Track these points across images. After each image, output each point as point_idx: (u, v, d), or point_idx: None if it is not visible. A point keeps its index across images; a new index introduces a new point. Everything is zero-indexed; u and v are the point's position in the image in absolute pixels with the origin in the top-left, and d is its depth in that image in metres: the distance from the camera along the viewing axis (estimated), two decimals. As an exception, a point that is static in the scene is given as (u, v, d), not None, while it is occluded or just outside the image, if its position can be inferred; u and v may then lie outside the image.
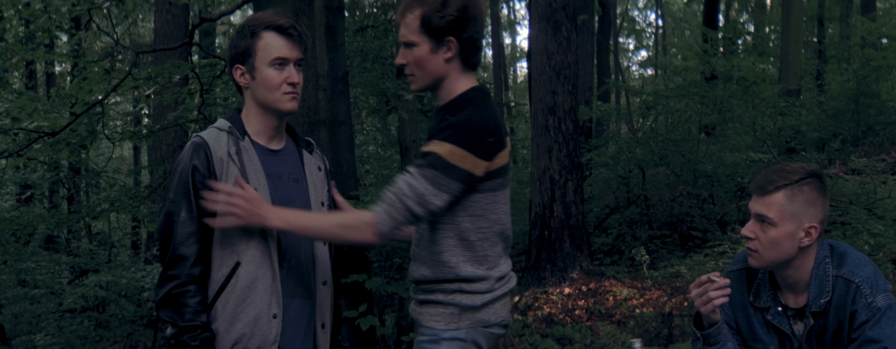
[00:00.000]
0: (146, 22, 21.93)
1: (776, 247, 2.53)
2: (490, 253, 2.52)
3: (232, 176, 2.50)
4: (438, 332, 2.50)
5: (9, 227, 11.85)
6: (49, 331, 10.31)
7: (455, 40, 2.46)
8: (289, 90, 2.58)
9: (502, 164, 2.46)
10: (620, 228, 11.75)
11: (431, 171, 2.36)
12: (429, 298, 2.54)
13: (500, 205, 2.52)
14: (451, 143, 2.35)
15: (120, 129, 14.61)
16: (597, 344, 6.53)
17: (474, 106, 2.44)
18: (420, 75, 2.54)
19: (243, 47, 2.58)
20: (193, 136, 2.56)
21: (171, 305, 2.44)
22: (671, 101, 12.14)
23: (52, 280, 11.35)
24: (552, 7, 9.35)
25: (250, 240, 2.52)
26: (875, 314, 2.45)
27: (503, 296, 2.57)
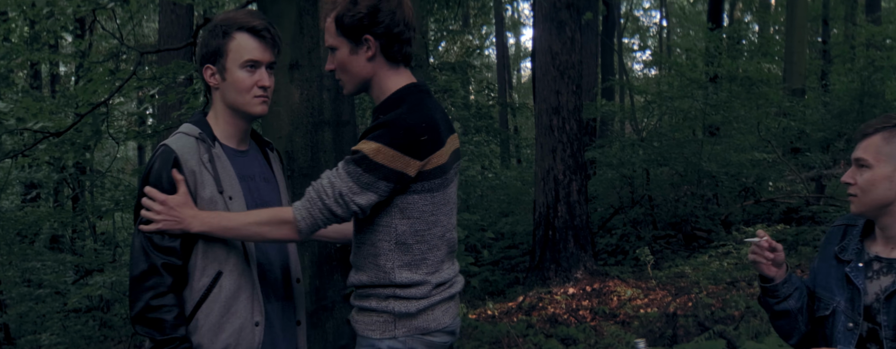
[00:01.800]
0: (150, 22, 21.98)
1: (873, 189, 2.51)
2: (429, 257, 2.44)
3: (207, 184, 2.46)
4: (374, 342, 2.44)
5: (14, 227, 11.88)
6: (54, 331, 10.32)
7: (371, 37, 2.39)
8: (260, 93, 2.53)
9: (439, 163, 2.38)
10: (624, 228, 11.74)
11: (355, 168, 2.31)
12: (364, 305, 2.49)
13: (439, 207, 2.44)
14: (379, 143, 2.28)
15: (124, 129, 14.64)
16: (601, 344, 6.52)
17: (408, 104, 2.37)
18: (347, 78, 2.50)
19: (214, 47, 2.51)
20: (161, 145, 2.48)
21: (146, 320, 2.36)
22: (675, 101, 12.12)
23: (56, 279, 11.36)
24: (556, 7, 9.35)
25: (231, 248, 2.48)
26: None
27: (443, 302, 2.49)
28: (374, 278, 2.46)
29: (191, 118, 2.60)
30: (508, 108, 21.32)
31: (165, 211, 2.37)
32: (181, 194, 2.40)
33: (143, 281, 2.37)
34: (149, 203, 2.38)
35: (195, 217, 2.38)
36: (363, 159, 2.30)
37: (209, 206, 2.46)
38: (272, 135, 5.50)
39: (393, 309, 2.42)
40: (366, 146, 2.31)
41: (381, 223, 2.42)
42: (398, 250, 2.42)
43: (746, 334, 5.87)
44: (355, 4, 2.38)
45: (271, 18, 5.57)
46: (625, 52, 33.85)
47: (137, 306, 2.37)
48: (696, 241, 10.56)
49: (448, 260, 2.54)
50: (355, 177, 2.31)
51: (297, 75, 5.46)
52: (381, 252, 2.43)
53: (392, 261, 2.43)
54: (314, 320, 5.45)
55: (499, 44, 29.38)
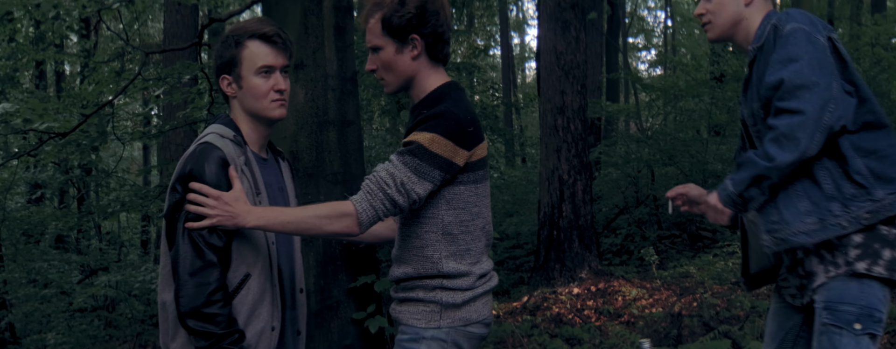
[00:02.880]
0: (155, 22, 22.02)
1: (722, 9, 2.77)
2: (472, 247, 2.52)
3: (245, 187, 2.48)
4: (419, 331, 2.49)
5: (20, 227, 11.91)
6: (59, 331, 10.35)
7: (418, 37, 2.48)
8: (276, 97, 2.57)
9: (482, 155, 2.48)
10: (629, 228, 11.74)
11: (412, 158, 2.36)
12: (409, 296, 2.53)
13: (481, 198, 2.53)
14: (432, 132, 2.36)
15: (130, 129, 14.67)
16: (606, 344, 6.52)
17: (451, 99, 2.46)
18: (391, 78, 2.56)
19: (228, 57, 2.57)
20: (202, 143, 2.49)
21: (203, 315, 2.37)
22: (680, 101, 12.11)
23: (62, 279, 11.39)
24: (561, 6, 9.35)
25: (259, 252, 2.52)
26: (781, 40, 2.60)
27: (484, 295, 2.58)
28: (420, 269, 2.51)
29: (219, 120, 2.64)
30: (513, 108, 21.32)
31: (220, 205, 2.37)
32: (236, 190, 2.42)
33: (198, 277, 2.38)
34: (201, 198, 2.38)
35: (250, 212, 2.39)
36: (419, 148, 2.36)
37: None
38: (277, 135, 5.51)
39: (440, 299, 2.49)
40: (420, 136, 2.38)
41: (428, 214, 2.49)
42: (445, 240, 2.49)
43: (751, 334, 5.86)
44: (403, 5, 2.46)
45: (276, 19, 5.60)
46: (630, 52, 33.82)
47: (194, 302, 2.37)
48: (700, 241, 10.55)
49: (486, 253, 2.62)
50: (413, 166, 2.37)
51: (301, 75, 5.47)
52: (429, 243, 2.49)
53: (439, 252, 2.49)
54: (319, 320, 5.46)
55: (503, 44, 29.37)
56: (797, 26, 2.60)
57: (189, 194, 2.41)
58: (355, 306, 5.51)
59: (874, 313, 2.68)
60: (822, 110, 2.48)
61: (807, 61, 2.53)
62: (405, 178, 2.37)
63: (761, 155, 2.56)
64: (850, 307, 2.68)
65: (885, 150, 2.62)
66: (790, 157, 2.50)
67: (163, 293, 2.52)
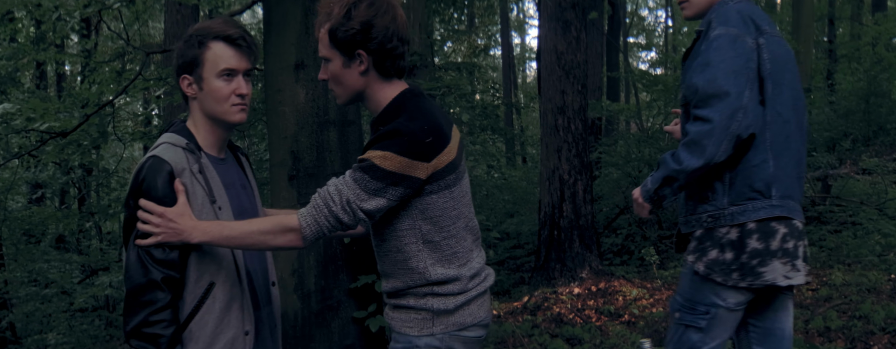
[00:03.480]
0: (156, 22, 22.02)
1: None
2: (458, 249, 2.47)
3: (198, 195, 2.45)
4: (412, 339, 2.45)
5: (21, 227, 11.92)
6: (60, 330, 10.36)
7: (365, 53, 2.38)
8: (237, 101, 2.51)
9: (449, 160, 2.39)
10: (630, 228, 11.73)
11: (362, 175, 2.30)
12: (400, 303, 2.49)
13: (458, 199, 2.46)
14: (384, 150, 2.29)
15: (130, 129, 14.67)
16: (606, 344, 6.52)
17: (407, 112, 2.37)
18: (339, 90, 2.49)
19: (191, 57, 2.50)
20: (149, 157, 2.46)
21: (142, 335, 2.34)
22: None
23: (63, 279, 11.40)
24: (562, 6, 9.35)
25: (223, 259, 2.49)
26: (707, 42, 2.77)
27: (479, 297, 2.52)
28: (408, 281, 2.46)
29: (172, 127, 2.59)
30: (513, 108, 21.32)
31: (164, 223, 2.34)
32: (181, 205, 2.37)
33: (141, 295, 2.35)
34: (146, 216, 2.35)
35: (195, 227, 2.35)
36: (371, 167, 2.30)
37: (199, 218, 2.44)
38: (277, 135, 5.51)
39: (431, 306, 2.44)
40: (373, 154, 2.31)
41: (404, 227, 2.43)
42: (427, 249, 2.43)
43: (752, 334, 5.86)
44: (349, 19, 2.35)
45: (277, 19, 5.60)
46: (630, 52, 33.82)
47: (134, 321, 2.34)
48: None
49: (475, 247, 2.56)
50: (363, 184, 2.31)
51: (302, 75, 5.47)
52: (411, 255, 2.44)
53: (424, 261, 2.44)
54: (320, 320, 5.46)
55: (504, 44, 29.38)
56: (723, 32, 2.75)
57: (138, 211, 2.38)
58: (356, 306, 5.51)
59: (697, 307, 2.90)
60: (731, 119, 2.64)
61: (723, 69, 2.67)
62: (353, 196, 2.31)
63: (674, 157, 2.75)
64: (678, 297, 2.96)
65: (751, 161, 2.81)
66: (697, 163, 2.68)
67: None
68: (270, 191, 5.68)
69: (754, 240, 2.82)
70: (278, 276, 5.41)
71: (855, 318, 6.21)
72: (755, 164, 2.80)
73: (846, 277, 7.31)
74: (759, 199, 2.82)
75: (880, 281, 7.07)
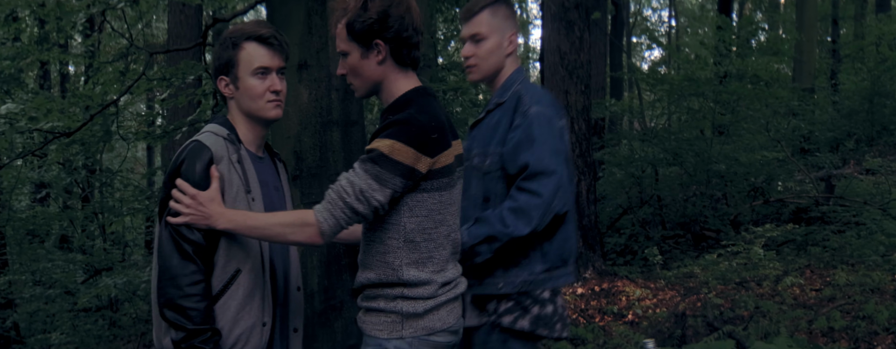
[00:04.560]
0: (159, 22, 22.05)
1: (491, 56, 3.06)
2: (435, 255, 2.51)
3: (234, 184, 2.54)
4: (382, 342, 2.49)
5: (24, 227, 11.93)
6: (64, 330, 10.37)
7: (382, 42, 2.48)
8: (272, 98, 2.64)
9: (447, 163, 2.46)
10: (633, 228, 11.73)
11: (372, 165, 2.37)
12: (371, 306, 2.54)
13: (446, 206, 2.51)
14: (393, 139, 2.36)
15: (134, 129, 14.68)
16: (610, 344, 6.52)
17: (417, 105, 2.45)
18: (358, 82, 2.57)
19: (226, 58, 2.63)
20: (192, 141, 2.57)
21: (178, 308, 2.42)
22: (685, 100, 12.09)
23: (67, 279, 11.40)
24: (565, 6, 9.34)
25: (251, 249, 2.56)
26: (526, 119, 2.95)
27: (448, 302, 2.56)
28: (382, 276, 2.51)
29: (215, 120, 2.70)
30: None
31: (194, 205, 2.44)
32: (212, 190, 2.47)
33: (177, 269, 2.44)
34: (179, 195, 2.45)
35: (222, 214, 2.44)
36: (380, 156, 2.36)
37: (232, 206, 2.54)
38: (281, 135, 5.51)
39: (401, 309, 2.48)
40: (381, 143, 2.38)
41: (391, 221, 2.48)
42: (406, 247, 2.48)
43: (756, 334, 5.86)
44: (366, 10, 2.45)
45: (280, 19, 5.61)
46: (634, 52, 33.79)
47: (170, 293, 2.42)
48: (705, 241, 10.54)
49: (452, 260, 2.61)
50: (373, 174, 2.37)
51: (305, 75, 5.47)
52: (390, 249, 2.49)
53: (400, 259, 2.48)
54: (323, 319, 5.46)
55: (507, 43, 29.33)
56: (541, 110, 2.97)
57: (172, 190, 2.48)
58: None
59: None
60: (554, 196, 2.89)
61: (547, 148, 2.91)
62: (365, 186, 2.37)
63: (499, 219, 2.90)
64: None
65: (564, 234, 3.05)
66: (524, 231, 2.87)
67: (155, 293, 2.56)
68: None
69: (558, 300, 3.08)
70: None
71: (858, 319, 6.20)
72: (566, 238, 3.05)
73: (850, 277, 7.30)
74: (563, 268, 3.07)
75: (884, 281, 7.06)
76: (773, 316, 6.29)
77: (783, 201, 10.70)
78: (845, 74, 17.96)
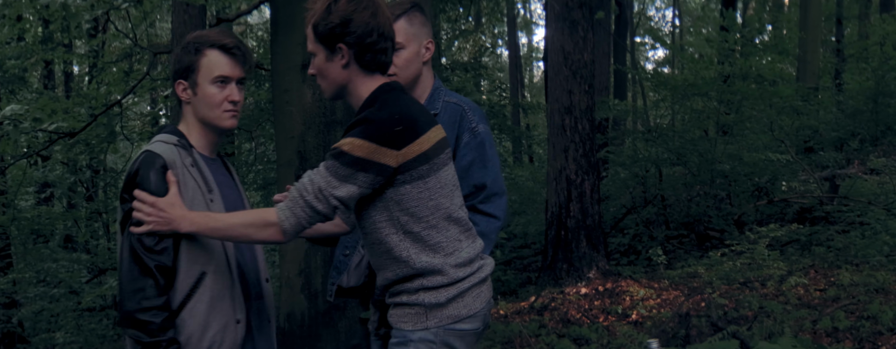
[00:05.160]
0: (163, 22, 22.06)
1: (410, 65, 2.97)
2: (441, 239, 2.49)
3: (190, 187, 2.55)
4: (407, 334, 2.49)
5: (29, 227, 11.95)
6: (68, 329, 10.40)
7: (344, 46, 2.47)
8: (229, 108, 2.64)
9: (421, 150, 2.43)
10: (637, 228, 11.72)
11: (333, 162, 2.37)
12: (396, 301, 2.54)
13: (435, 191, 2.48)
14: (353, 137, 2.36)
15: (138, 129, 14.71)
16: (614, 344, 6.51)
17: (379, 101, 2.45)
18: (325, 84, 2.58)
19: (187, 63, 2.62)
20: (143, 151, 2.56)
21: (135, 322, 2.42)
22: (688, 100, 12.07)
23: (71, 278, 11.43)
24: (569, 6, 9.34)
25: (214, 249, 2.57)
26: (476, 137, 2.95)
27: (473, 288, 2.54)
28: (397, 272, 2.51)
29: (163, 130, 2.71)
30: (520, 108, 21.32)
31: (155, 211, 2.44)
32: (171, 195, 2.47)
33: (134, 283, 2.44)
34: (139, 205, 2.45)
35: (184, 217, 2.44)
36: (340, 154, 2.37)
37: (191, 208, 2.54)
38: (285, 135, 5.52)
39: (423, 301, 2.48)
40: (343, 141, 2.39)
41: (382, 219, 2.48)
42: (409, 239, 2.48)
43: (760, 334, 5.85)
44: (329, 14, 2.45)
45: (284, 19, 5.61)
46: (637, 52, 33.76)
47: (127, 307, 2.43)
48: (709, 241, 10.52)
49: (465, 238, 2.57)
50: (333, 170, 2.37)
51: (309, 75, 5.48)
52: (393, 245, 2.49)
53: (407, 250, 2.48)
54: (327, 319, 5.47)
55: (511, 44, 29.37)
56: (487, 128, 3.02)
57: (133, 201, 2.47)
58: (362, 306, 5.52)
59: None
60: (505, 216, 2.99)
61: (496, 168, 2.98)
62: (324, 184, 2.38)
63: None
64: None
65: None
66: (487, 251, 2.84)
67: None
68: (278, 192, 5.69)
69: None
70: (285, 277, 5.42)
71: (863, 319, 6.19)
72: None
73: (854, 277, 7.29)
74: None
75: (888, 281, 7.05)
76: (777, 316, 6.28)
77: (787, 201, 10.68)
78: (850, 74, 17.91)
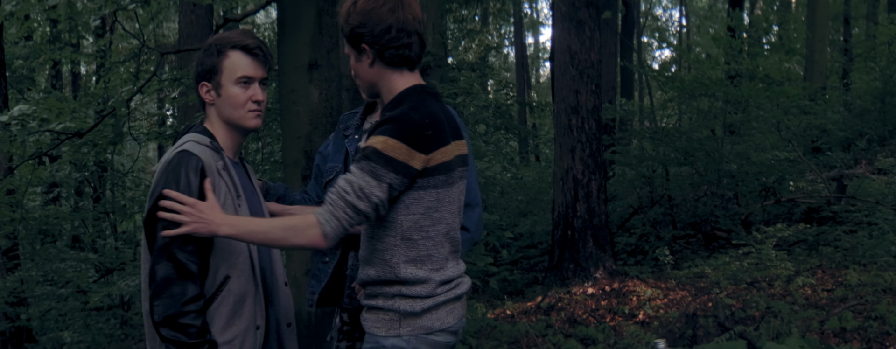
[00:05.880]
0: (170, 22, 22.11)
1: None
2: (434, 253, 2.51)
3: (221, 191, 2.55)
4: (379, 339, 2.49)
5: (37, 226, 11.98)
6: (76, 329, 10.42)
7: (367, 46, 2.51)
8: (253, 107, 2.66)
9: (443, 160, 2.46)
10: (644, 228, 11.71)
11: (367, 163, 2.37)
12: (371, 304, 2.54)
13: (444, 204, 2.51)
14: (386, 136, 2.37)
15: (145, 129, 14.74)
16: (620, 344, 6.51)
17: (411, 102, 2.46)
18: (361, 84, 2.63)
19: (210, 65, 2.65)
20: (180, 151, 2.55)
21: (176, 325, 2.41)
22: (695, 99, 12.05)
23: (79, 278, 11.45)
24: (575, 6, 9.33)
25: (239, 254, 2.57)
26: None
27: (448, 302, 2.55)
28: (380, 273, 2.52)
29: (193, 129, 2.71)
30: (527, 107, 21.31)
31: (195, 213, 2.41)
32: (211, 200, 2.47)
33: (171, 285, 2.42)
34: (177, 206, 2.42)
35: (224, 221, 2.42)
36: (374, 153, 2.37)
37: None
38: (292, 134, 5.52)
39: (398, 308, 2.48)
40: (374, 140, 2.39)
41: (388, 218, 2.49)
42: (403, 245, 2.48)
43: (767, 335, 5.84)
44: (349, 15, 2.51)
45: (291, 19, 5.62)
46: (644, 52, 33.72)
47: (166, 310, 2.40)
48: (716, 241, 10.51)
49: (452, 259, 2.60)
50: (369, 170, 2.37)
51: (316, 75, 5.48)
52: (387, 247, 2.50)
53: (397, 257, 2.49)
54: (330, 319, 5.47)
55: (517, 43, 29.39)
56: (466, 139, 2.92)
57: (163, 201, 2.44)
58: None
59: None
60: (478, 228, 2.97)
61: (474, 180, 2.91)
62: (363, 183, 2.37)
63: None
64: None
65: None
66: None
67: (146, 301, 2.54)
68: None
69: None
70: (292, 277, 5.42)
71: (871, 319, 6.18)
72: None
73: (862, 278, 7.27)
74: None
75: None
76: (784, 316, 6.27)
77: (795, 201, 10.66)
78: (857, 74, 17.88)
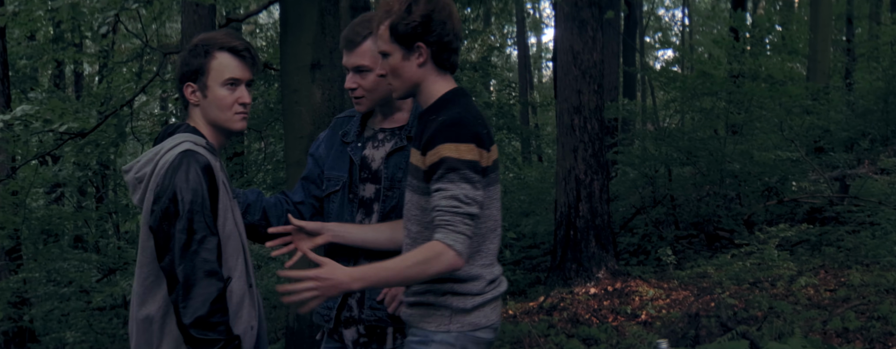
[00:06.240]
0: (173, 22, 22.11)
1: (378, 87, 2.89)
2: (483, 248, 2.54)
3: (222, 194, 2.56)
4: (429, 334, 2.52)
5: (40, 226, 11.99)
6: (78, 328, 10.43)
7: (424, 45, 2.52)
8: (240, 110, 2.65)
9: (495, 157, 2.52)
10: (646, 228, 11.70)
11: (455, 173, 2.37)
12: (420, 300, 2.56)
13: (493, 201, 2.54)
14: (454, 141, 2.39)
15: (148, 129, 14.75)
16: (623, 344, 6.51)
17: (462, 104, 2.51)
18: (397, 83, 2.60)
19: (196, 66, 2.62)
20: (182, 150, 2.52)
21: (209, 324, 2.40)
22: (698, 99, 12.04)
23: (81, 278, 11.46)
24: (578, 6, 9.32)
25: (239, 256, 2.59)
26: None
27: (494, 300, 2.59)
28: None
29: (182, 128, 2.67)
30: (529, 107, 21.32)
31: (321, 285, 2.34)
32: (325, 260, 2.40)
33: (198, 285, 2.41)
34: (300, 285, 2.34)
35: (351, 276, 2.36)
36: (456, 161, 2.38)
37: (224, 213, 2.56)
38: (294, 134, 5.53)
39: (451, 304, 2.51)
40: (445, 150, 2.39)
41: None
42: None
43: (769, 335, 5.84)
44: (410, 13, 2.49)
45: (293, 19, 5.62)
46: (647, 52, 33.71)
47: (197, 311, 2.39)
48: (718, 241, 10.51)
49: (495, 255, 2.63)
50: (461, 178, 2.38)
51: (318, 75, 5.49)
52: None
53: None
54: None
55: (520, 43, 29.39)
56: None
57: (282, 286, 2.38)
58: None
59: None
60: None
61: None
62: (465, 192, 2.37)
63: None
64: None
65: None
66: None
67: (144, 307, 2.52)
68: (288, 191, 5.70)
69: None
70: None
71: (873, 319, 6.17)
72: None
73: (864, 278, 7.27)
74: None
75: (899, 281, 7.02)
76: (787, 316, 6.27)
77: (797, 201, 10.65)
78: (860, 74, 17.86)
